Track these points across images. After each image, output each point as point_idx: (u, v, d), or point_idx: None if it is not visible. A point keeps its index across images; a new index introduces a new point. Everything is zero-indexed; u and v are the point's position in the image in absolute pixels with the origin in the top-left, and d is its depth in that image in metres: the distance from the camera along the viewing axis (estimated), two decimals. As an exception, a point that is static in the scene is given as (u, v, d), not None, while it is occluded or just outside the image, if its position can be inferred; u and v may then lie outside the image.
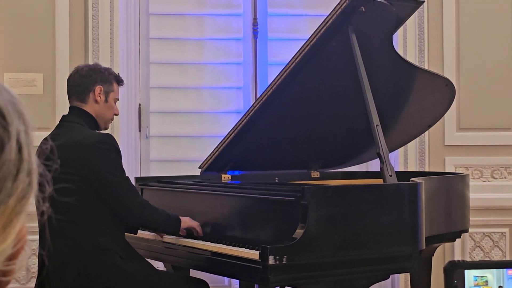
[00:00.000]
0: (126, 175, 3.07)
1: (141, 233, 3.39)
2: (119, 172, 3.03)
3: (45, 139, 3.09)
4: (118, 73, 3.31)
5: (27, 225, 0.81)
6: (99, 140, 3.01)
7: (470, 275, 2.52)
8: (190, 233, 3.22)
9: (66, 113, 3.19)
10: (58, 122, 3.21)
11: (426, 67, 4.27)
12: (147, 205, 3.08)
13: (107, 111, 3.19)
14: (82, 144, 2.99)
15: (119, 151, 3.06)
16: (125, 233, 3.18)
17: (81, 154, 2.97)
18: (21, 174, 0.77)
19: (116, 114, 3.26)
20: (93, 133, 3.09)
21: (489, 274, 2.52)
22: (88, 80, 3.16)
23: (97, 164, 2.97)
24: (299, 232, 2.68)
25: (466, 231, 3.58)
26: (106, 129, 3.27)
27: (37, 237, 3.10)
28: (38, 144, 3.28)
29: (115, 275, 2.96)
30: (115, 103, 3.22)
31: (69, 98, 3.21)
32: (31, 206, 0.80)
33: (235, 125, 3.51)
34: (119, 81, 3.26)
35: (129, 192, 3.03)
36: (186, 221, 3.19)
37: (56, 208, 2.89)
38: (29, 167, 0.78)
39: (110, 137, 3.06)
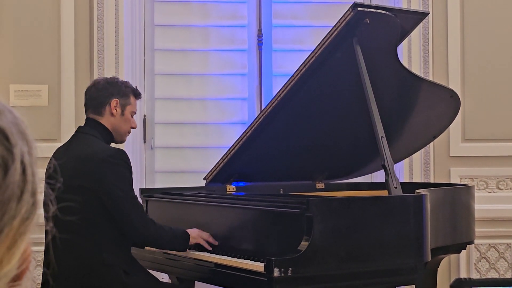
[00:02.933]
0: (135, 194, 3.05)
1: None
2: (127, 188, 3.00)
3: (54, 153, 3.10)
4: (136, 87, 3.30)
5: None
6: (111, 155, 2.99)
7: (476, 293, 2.51)
8: (202, 247, 3.17)
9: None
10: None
11: (431, 79, 4.26)
12: (152, 224, 3.04)
13: (123, 124, 3.17)
14: (93, 157, 2.98)
15: (130, 167, 3.04)
16: (132, 246, 3.16)
17: (92, 167, 2.96)
18: (25, 195, 0.77)
19: (133, 128, 3.24)
20: (106, 147, 3.08)
21: (496, 292, 2.51)
22: (105, 93, 3.14)
23: (106, 178, 2.95)
24: (304, 244, 2.67)
25: (471, 242, 3.57)
26: (122, 142, 3.25)
27: (43, 248, 3.10)
28: (43, 155, 3.27)
29: None
30: (132, 116, 3.21)
31: (85, 111, 3.20)
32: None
33: (240, 136, 3.51)
34: (137, 95, 3.24)
35: (135, 210, 2.99)
36: (195, 236, 3.13)
37: (61, 226, 2.89)
38: (33, 187, 0.78)
39: (122, 153, 3.04)
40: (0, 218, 0.74)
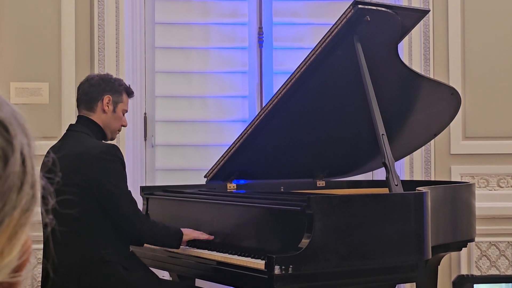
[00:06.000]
0: (129, 189, 3.05)
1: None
2: (121, 184, 3.00)
3: (48, 151, 3.11)
4: (129, 85, 3.30)
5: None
6: (104, 151, 2.99)
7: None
8: (198, 244, 3.19)
9: (72, 122, 3.19)
10: (65, 131, 3.21)
11: (431, 76, 4.26)
12: (146, 220, 3.05)
13: (114, 122, 3.17)
14: (86, 154, 2.98)
15: (124, 163, 3.04)
16: (131, 245, 3.16)
17: (85, 164, 2.96)
18: (25, 186, 0.77)
19: (124, 126, 3.24)
20: (98, 144, 3.08)
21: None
22: (97, 89, 3.15)
23: (100, 175, 2.95)
24: (304, 242, 2.67)
25: (472, 240, 3.57)
26: (113, 139, 3.25)
27: (42, 246, 3.10)
28: (43, 152, 3.26)
29: (117, 287, 2.94)
30: (123, 114, 3.21)
31: (77, 107, 3.20)
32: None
33: (241, 134, 3.51)
34: (129, 93, 3.24)
35: (129, 206, 2.99)
36: (188, 234, 3.14)
37: (60, 220, 2.89)
38: (33, 179, 0.78)
39: (115, 148, 3.04)
40: (1, 209, 0.74)
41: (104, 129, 3.15)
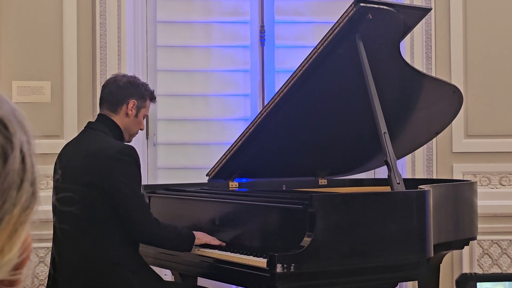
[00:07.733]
0: (142, 192, 3.03)
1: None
2: (134, 186, 2.97)
3: (64, 146, 3.11)
4: (153, 90, 3.30)
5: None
6: (120, 151, 2.97)
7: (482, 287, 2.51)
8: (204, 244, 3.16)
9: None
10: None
11: (433, 74, 4.26)
12: (156, 223, 3.00)
13: (134, 126, 3.17)
14: (102, 153, 2.96)
15: (139, 164, 3.01)
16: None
17: (100, 162, 2.94)
18: (25, 184, 0.77)
19: (141, 129, 3.24)
20: (116, 143, 3.05)
21: (501, 287, 2.51)
22: (125, 92, 3.14)
23: (114, 175, 2.92)
24: (306, 240, 2.67)
25: (474, 238, 3.57)
26: (129, 142, 3.23)
27: (45, 244, 3.10)
28: (45, 152, 3.26)
29: None
30: (143, 119, 3.22)
31: (100, 105, 3.19)
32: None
33: (243, 132, 3.51)
34: (153, 99, 3.26)
35: (140, 208, 2.96)
36: (200, 238, 3.10)
37: (60, 216, 2.88)
38: (33, 177, 0.78)
39: (132, 149, 3.01)
40: (1, 206, 0.75)
41: (123, 131, 3.14)
